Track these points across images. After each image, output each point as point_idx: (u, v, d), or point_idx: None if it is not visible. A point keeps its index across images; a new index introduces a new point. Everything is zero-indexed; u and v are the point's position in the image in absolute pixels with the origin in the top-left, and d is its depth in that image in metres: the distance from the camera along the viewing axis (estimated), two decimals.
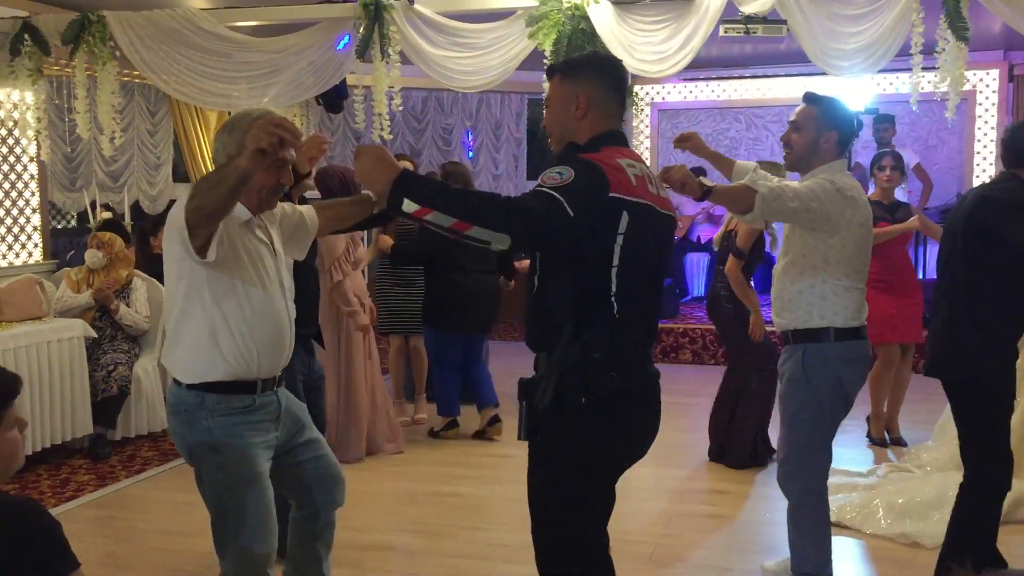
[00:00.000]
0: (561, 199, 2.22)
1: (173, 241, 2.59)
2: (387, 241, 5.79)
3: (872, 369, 5.54)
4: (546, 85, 2.69)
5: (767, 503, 4.60)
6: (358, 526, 4.37)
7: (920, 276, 8.73)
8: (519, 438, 2.45)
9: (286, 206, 3.00)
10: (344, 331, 5.35)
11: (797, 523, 3.45)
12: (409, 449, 5.68)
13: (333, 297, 5.22)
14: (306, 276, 3.95)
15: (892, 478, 4.80)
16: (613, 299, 2.36)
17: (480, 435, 5.85)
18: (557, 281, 2.40)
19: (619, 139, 2.54)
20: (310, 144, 3.47)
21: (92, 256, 5.85)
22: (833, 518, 4.31)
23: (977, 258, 3.30)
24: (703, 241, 9.53)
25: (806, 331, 3.29)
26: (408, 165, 5.99)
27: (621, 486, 2.56)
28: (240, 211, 2.68)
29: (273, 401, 2.82)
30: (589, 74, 2.52)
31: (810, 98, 3.34)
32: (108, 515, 4.68)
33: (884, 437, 5.70)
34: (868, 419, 5.76)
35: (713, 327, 6.86)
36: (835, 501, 4.47)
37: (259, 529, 2.73)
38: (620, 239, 2.34)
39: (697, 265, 9.76)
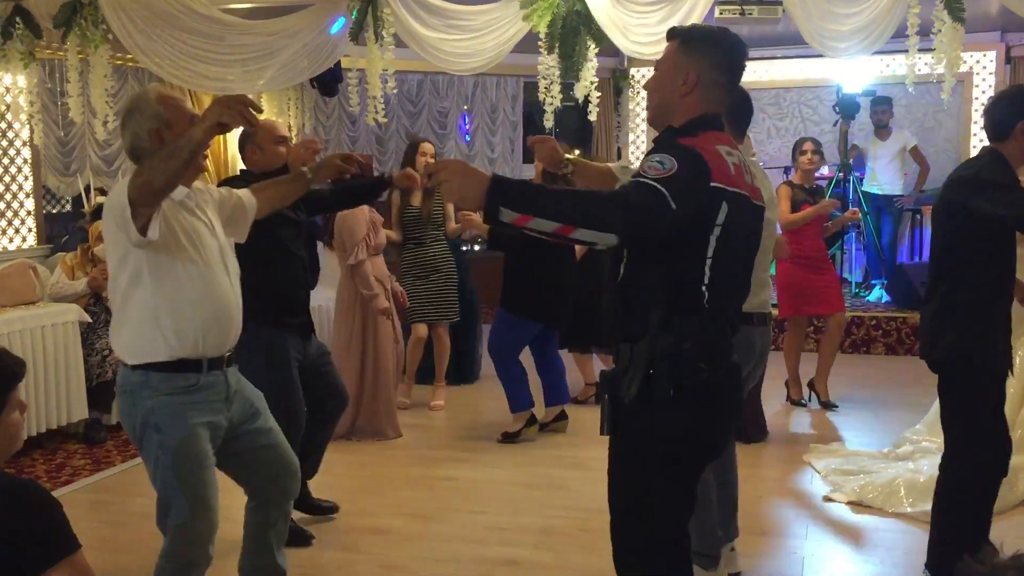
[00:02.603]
0: (664, 191, 2.10)
1: (113, 225, 2.63)
2: (479, 224, 5.34)
3: (785, 339, 6.27)
4: (663, 47, 2.48)
5: (754, 483, 4.58)
6: (354, 510, 4.38)
7: (917, 259, 8.76)
8: (602, 433, 2.35)
9: (223, 190, 3.04)
10: (369, 314, 5.46)
11: None
12: (404, 433, 5.68)
13: (354, 280, 5.36)
14: (296, 266, 3.93)
15: (914, 457, 4.80)
16: (704, 289, 2.26)
17: (543, 427, 5.65)
18: (647, 270, 2.28)
19: (717, 123, 2.39)
20: (301, 147, 3.53)
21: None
22: (855, 498, 4.41)
23: (949, 239, 3.30)
24: None
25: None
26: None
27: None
28: (176, 190, 2.70)
29: (220, 381, 2.83)
30: (706, 50, 2.35)
31: None
32: (103, 499, 4.69)
33: (803, 398, 6.20)
34: (787, 383, 6.25)
35: None
36: (856, 481, 4.54)
37: (199, 506, 2.75)
38: (717, 230, 2.24)
39: None
